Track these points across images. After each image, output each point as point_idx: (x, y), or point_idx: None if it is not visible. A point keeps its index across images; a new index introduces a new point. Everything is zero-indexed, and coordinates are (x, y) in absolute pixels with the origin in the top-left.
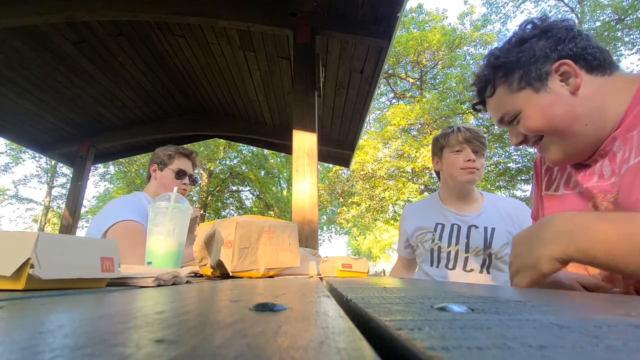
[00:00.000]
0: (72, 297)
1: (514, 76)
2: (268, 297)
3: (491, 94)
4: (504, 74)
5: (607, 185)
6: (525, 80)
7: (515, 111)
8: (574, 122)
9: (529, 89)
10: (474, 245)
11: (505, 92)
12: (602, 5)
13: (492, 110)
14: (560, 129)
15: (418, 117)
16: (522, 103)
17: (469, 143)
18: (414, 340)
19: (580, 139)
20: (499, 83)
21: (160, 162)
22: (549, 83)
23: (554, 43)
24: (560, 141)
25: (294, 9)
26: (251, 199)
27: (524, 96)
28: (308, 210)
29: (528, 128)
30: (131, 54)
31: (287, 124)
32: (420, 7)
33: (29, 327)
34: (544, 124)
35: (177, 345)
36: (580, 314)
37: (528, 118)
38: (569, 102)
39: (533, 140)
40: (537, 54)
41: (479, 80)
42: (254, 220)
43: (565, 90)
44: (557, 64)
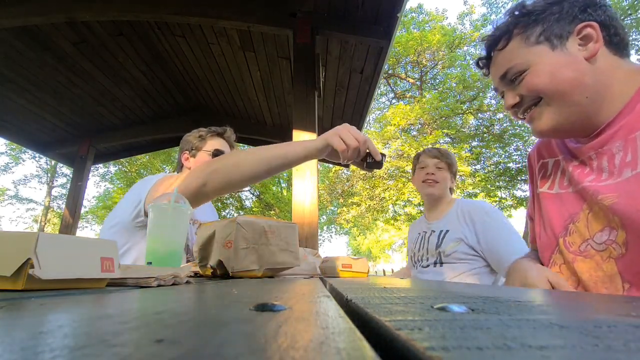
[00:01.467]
0: (72, 297)
1: (535, 29)
2: (268, 297)
3: (503, 46)
4: (525, 25)
5: (602, 186)
6: (545, 35)
7: (524, 65)
8: (576, 90)
9: (545, 44)
10: (432, 247)
11: (519, 44)
12: None
13: (497, 66)
14: (561, 94)
15: (418, 118)
16: (534, 58)
17: (433, 158)
18: (413, 340)
19: (576, 110)
20: (516, 33)
21: (192, 147)
22: (568, 43)
23: (585, 4)
24: (556, 108)
25: (294, 9)
26: (251, 199)
27: (539, 51)
28: (308, 210)
29: (531, 85)
30: (131, 54)
31: (287, 124)
32: (420, 7)
33: (28, 327)
34: (548, 84)
35: (177, 345)
36: (580, 314)
37: (535, 74)
38: (580, 68)
39: (528, 103)
40: (564, 11)
41: (496, 30)
42: (254, 221)
43: (580, 54)
44: (582, 25)
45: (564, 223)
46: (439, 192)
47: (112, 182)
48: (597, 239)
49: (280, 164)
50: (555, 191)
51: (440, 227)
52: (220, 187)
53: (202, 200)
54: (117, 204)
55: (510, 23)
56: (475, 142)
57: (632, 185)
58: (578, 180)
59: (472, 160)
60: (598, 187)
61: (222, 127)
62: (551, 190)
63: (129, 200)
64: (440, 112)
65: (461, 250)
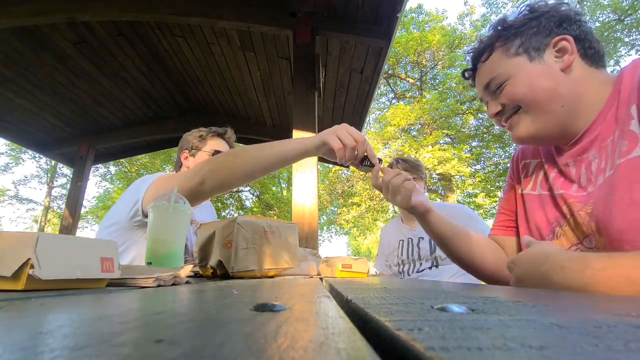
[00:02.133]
0: (72, 298)
1: (514, 41)
2: (268, 297)
3: (486, 58)
4: (506, 38)
5: (584, 196)
6: (524, 47)
7: (504, 76)
8: (552, 99)
9: (524, 56)
10: (424, 253)
11: (500, 56)
12: (602, 6)
13: (481, 76)
14: (538, 102)
15: (418, 118)
16: (514, 69)
17: (408, 171)
18: (413, 340)
19: (552, 118)
20: (497, 46)
21: (192, 147)
22: (545, 55)
23: (561, 19)
24: (533, 116)
25: (294, 9)
26: (251, 199)
27: (518, 62)
28: (308, 210)
29: (511, 94)
30: (131, 55)
31: (287, 124)
32: (420, 8)
33: (28, 328)
34: (526, 93)
35: (177, 345)
36: (580, 314)
37: (514, 84)
38: (555, 78)
39: (509, 112)
40: (542, 25)
41: (480, 43)
42: (254, 221)
43: (556, 65)
44: (557, 38)
45: (551, 226)
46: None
47: (112, 183)
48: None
49: (277, 162)
50: (538, 192)
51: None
52: (219, 185)
53: (201, 199)
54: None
55: (492, 37)
56: (475, 142)
57: (603, 190)
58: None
59: (472, 161)
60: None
61: (223, 128)
62: (534, 192)
63: (126, 200)
64: (440, 113)
65: None
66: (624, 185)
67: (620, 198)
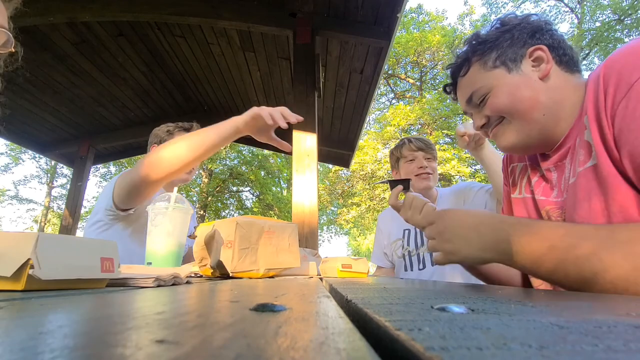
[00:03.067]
0: (72, 298)
1: (490, 55)
2: (268, 297)
3: (464, 73)
4: (482, 53)
5: (560, 202)
6: (500, 60)
7: (485, 89)
8: (534, 108)
9: (502, 68)
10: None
11: (478, 70)
12: (602, 6)
13: (462, 91)
14: (521, 112)
15: (418, 118)
16: (493, 81)
17: (421, 151)
18: (413, 340)
19: (535, 127)
20: (474, 61)
21: (160, 140)
22: (522, 65)
23: (533, 30)
24: (517, 126)
25: (294, 10)
26: (251, 199)
27: (497, 74)
28: (308, 210)
29: (493, 106)
30: (131, 55)
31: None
32: (420, 8)
33: (28, 328)
34: (507, 104)
35: (177, 345)
36: (580, 314)
37: (496, 96)
38: (535, 87)
39: (494, 123)
40: (515, 37)
41: (457, 59)
42: (254, 221)
43: (534, 74)
44: (532, 48)
45: None
46: (433, 185)
47: None
48: None
49: (213, 144)
50: (522, 196)
51: None
52: (164, 175)
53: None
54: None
55: (468, 51)
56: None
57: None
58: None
59: (471, 161)
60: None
61: (189, 123)
62: (519, 195)
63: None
64: (440, 113)
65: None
66: (583, 194)
67: (581, 207)
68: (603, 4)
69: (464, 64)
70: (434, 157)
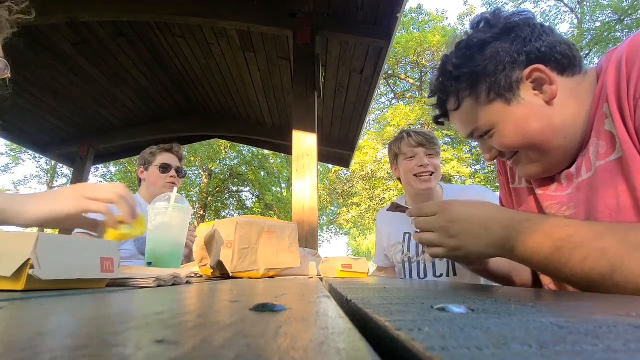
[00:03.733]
0: (72, 298)
1: (480, 87)
2: (268, 297)
3: (456, 107)
4: (469, 86)
5: (565, 196)
6: (495, 91)
7: (487, 127)
8: (552, 137)
9: (499, 100)
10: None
11: (472, 106)
12: (602, 6)
13: (459, 125)
14: (538, 144)
15: (418, 118)
16: (494, 117)
17: (421, 147)
18: (413, 340)
19: (560, 152)
20: (464, 96)
21: (145, 162)
22: (521, 93)
23: (520, 44)
24: (538, 156)
25: (294, 10)
26: (251, 199)
27: (495, 109)
28: (308, 210)
29: (502, 145)
30: (131, 55)
31: (287, 125)
32: (420, 8)
33: (28, 328)
34: (519, 141)
35: (177, 345)
36: (580, 314)
37: (502, 135)
38: (545, 114)
39: (510, 155)
40: (503, 60)
41: (439, 92)
42: (254, 221)
43: (539, 99)
44: (528, 70)
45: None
46: (436, 184)
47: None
48: None
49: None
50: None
51: None
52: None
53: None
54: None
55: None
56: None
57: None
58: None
59: (472, 161)
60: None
61: (169, 144)
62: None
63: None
64: None
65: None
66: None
67: (606, 204)
68: (603, 4)
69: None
70: (436, 152)
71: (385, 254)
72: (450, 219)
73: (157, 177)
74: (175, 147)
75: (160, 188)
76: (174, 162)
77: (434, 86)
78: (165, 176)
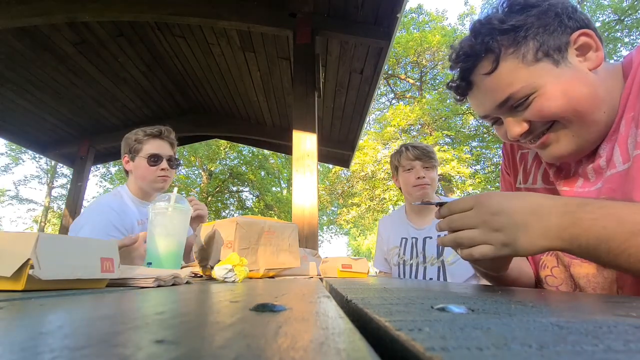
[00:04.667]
0: (72, 298)
1: (528, 45)
2: (268, 297)
3: (492, 70)
4: (514, 42)
5: (594, 191)
6: (544, 51)
7: (529, 89)
8: (596, 107)
9: (547, 60)
10: (429, 255)
11: (516, 65)
12: (602, 6)
13: (490, 93)
14: (582, 114)
15: (418, 118)
16: (539, 78)
17: (419, 160)
18: (413, 340)
19: (597, 128)
20: (506, 54)
21: (130, 150)
22: (569, 56)
23: (569, 10)
24: (575, 130)
25: (294, 10)
26: (251, 199)
27: (542, 70)
28: (308, 210)
29: (546, 110)
30: (131, 55)
31: (287, 125)
32: (420, 8)
33: (28, 328)
34: (564, 105)
35: (177, 346)
36: (580, 314)
37: (546, 97)
38: (591, 81)
39: (541, 129)
40: (553, 20)
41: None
42: (254, 221)
43: (584, 66)
44: (577, 34)
45: None
46: (432, 194)
47: (112, 183)
48: None
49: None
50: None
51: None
52: None
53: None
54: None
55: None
56: (475, 142)
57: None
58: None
59: (472, 161)
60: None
61: (157, 128)
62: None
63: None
64: (440, 113)
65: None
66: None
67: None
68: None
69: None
70: (432, 165)
71: (385, 258)
72: (492, 211)
73: (145, 170)
74: (165, 131)
75: (150, 183)
76: (164, 150)
77: (463, 50)
78: (155, 169)
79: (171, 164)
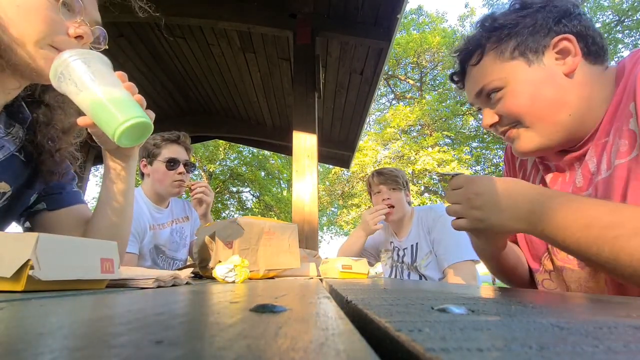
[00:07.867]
0: (72, 299)
1: (508, 43)
2: (268, 298)
3: (477, 61)
4: (498, 39)
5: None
6: (520, 50)
7: (500, 82)
8: (559, 110)
9: (521, 59)
10: (407, 262)
11: (494, 59)
12: (602, 7)
13: (472, 82)
14: (543, 115)
15: (418, 119)
16: (510, 75)
17: (383, 184)
18: (414, 341)
19: (559, 129)
20: (489, 48)
21: (148, 154)
22: (545, 58)
23: (559, 15)
24: (537, 130)
25: (294, 11)
26: (251, 200)
27: (514, 67)
28: (308, 211)
29: (511, 107)
30: (131, 55)
31: (288, 125)
32: (420, 9)
33: (28, 328)
34: (527, 106)
35: (177, 346)
36: (580, 315)
37: (513, 95)
38: (560, 84)
39: (507, 124)
40: (538, 24)
41: (468, 44)
42: (254, 221)
43: (559, 69)
44: (557, 38)
45: None
46: (398, 217)
47: None
48: None
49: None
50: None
51: (409, 241)
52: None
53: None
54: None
55: (482, 36)
56: (476, 143)
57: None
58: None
59: (472, 162)
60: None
61: (175, 134)
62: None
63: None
64: (440, 114)
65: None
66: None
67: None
68: (603, 5)
69: (476, 50)
70: (398, 187)
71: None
72: (475, 191)
73: (163, 174)
74: (182, 136)
75: (167, 187)
76: (181, 155)
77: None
78: (172, 173)
79: (187, 168)
